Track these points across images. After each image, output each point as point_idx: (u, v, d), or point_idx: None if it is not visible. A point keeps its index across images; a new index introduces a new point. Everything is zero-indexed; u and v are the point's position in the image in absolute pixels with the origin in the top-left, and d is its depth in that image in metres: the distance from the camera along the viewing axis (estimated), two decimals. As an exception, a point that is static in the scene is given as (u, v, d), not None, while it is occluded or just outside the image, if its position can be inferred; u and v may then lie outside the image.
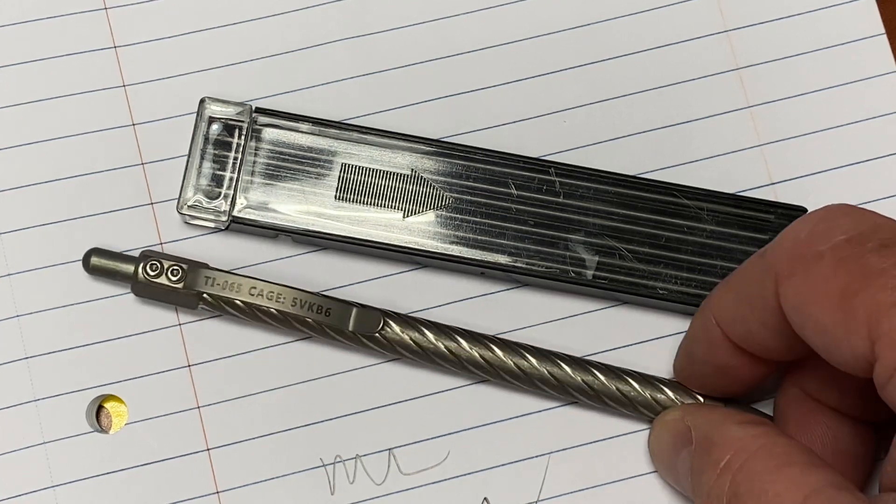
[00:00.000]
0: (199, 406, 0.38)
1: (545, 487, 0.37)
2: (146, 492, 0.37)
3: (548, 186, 0.38)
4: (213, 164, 0.38)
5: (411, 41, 0.40)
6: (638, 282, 0.37)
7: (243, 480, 0.37)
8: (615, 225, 0.38)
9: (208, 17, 0.40)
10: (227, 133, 0.38)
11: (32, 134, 0.39)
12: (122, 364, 0.38)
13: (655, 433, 0.36)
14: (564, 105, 0.40)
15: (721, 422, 0.32)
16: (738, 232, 0.38)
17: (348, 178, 0.38)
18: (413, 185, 0.38)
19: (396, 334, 0.37)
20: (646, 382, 0.37)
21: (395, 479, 0.37)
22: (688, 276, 0.38)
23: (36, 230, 0.38)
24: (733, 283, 0.33)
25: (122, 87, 0.39)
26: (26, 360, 0.37)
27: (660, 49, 0.40)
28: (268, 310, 0.36)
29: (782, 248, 0.30)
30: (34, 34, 0.40)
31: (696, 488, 0.32)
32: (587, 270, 0.37)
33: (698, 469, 0.32)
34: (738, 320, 0.33)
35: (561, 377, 0.36)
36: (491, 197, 0.38)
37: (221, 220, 0.38)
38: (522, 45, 0.40)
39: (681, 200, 0.38)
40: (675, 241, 0.38)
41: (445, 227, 0.38)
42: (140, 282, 0.37)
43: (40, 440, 0.37)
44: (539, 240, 0.38)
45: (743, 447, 0.30)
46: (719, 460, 0.31)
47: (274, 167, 0.38)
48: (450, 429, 0.38)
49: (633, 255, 0.38)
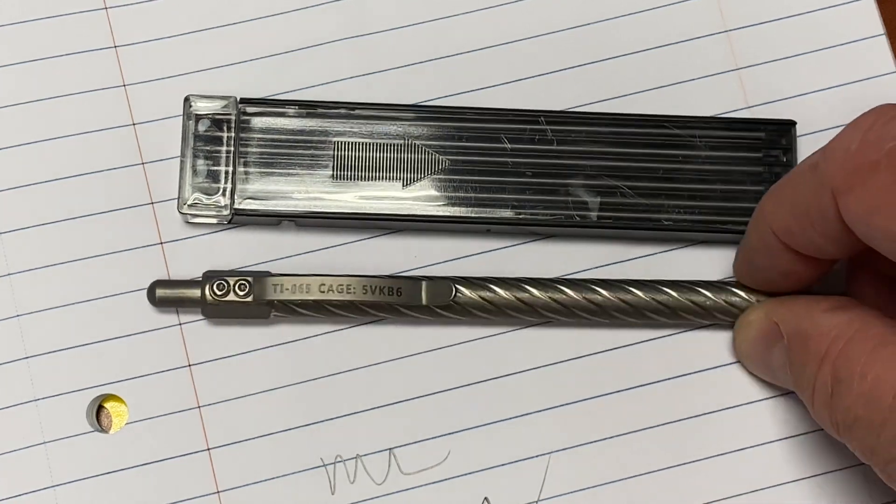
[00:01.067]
0: (200, 406, 0.37)
1: (546, 487, 0.37)
2: (146, 492, 0.37)
3: (540, 136, 0.38)
4: (207, 161, 0.38)
5: (410, 41, 0.40)
6: (642, 216, 0.38)
7: (244, 480, 0.37)
8: (612, 164, 0.38)
9: (208, 17, 0.40)
10: (216, 128, 0.38)
11: (33, 134, 0.39)
12: (123, 364, 0.38)
13: (741, 335, 0.36)
14: (564, 105, 0.40)
15: (809, 312, 0.33)
16: (731, 154, 0.38)
17: (343, 155, 0.38)
18: (408, 154, 0.38)
19: (469, 298, 0.37)
20: (717, 289, 0.37)
21: (396, 479, 0.37)
22: (689, 204, 0.38)
23: (36, 230, 0.38)
24: (786, 196, 0.33)
25: (123, 86, 0.40)
26: (26, 360, 0.37)
27: (659, 49, 0.41)
28: (341, 302, 0.36)
29: (835, 162, 0.30)
30: (34, 34, 0.40)
31: (799, 381, 0.32)
32: (591, 212, 0.38)
33: (798, 364, 0.32)
34: (796, 232, 0.33)
35: (635, 302, 0.37)
36: (486, 154, 0.38)
37: (224, 215, 0.38)
38: (521, 44, 0.41)
39: (672, 131, 0.39)
40: (672, 172, 0.38)
41: (445, 190, 0.38)
42: (210, 304, 0.36)
43: (40, 440, 0.37)
44: (539, 189, 0.38)
45: (839, 335, 0.30)
46: (818, 352, 0.31)
47: (268, 155, 0.38)
48: (450, 428, 0.38)
49: (633, 191, 0.38)
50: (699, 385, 0.38)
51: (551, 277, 0.38)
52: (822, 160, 0.31)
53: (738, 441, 0.38)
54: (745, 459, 0.38)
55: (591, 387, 0.38)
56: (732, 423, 0.38)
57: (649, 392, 0.38)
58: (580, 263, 0.39)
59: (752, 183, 0.38)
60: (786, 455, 0.38)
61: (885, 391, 0.28)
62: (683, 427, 0.38)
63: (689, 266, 0.39)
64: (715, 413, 0.38)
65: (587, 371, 0.38)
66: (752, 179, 0.38)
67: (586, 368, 0.38)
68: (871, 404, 0.28)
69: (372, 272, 0.38)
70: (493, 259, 0.39)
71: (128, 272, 0.38)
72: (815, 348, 0.31)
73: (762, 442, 0.38)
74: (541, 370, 0.38)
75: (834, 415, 0.30)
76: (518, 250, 0.39)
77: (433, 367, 0.38)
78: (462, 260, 0.39)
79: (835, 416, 0.30)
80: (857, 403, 0.29)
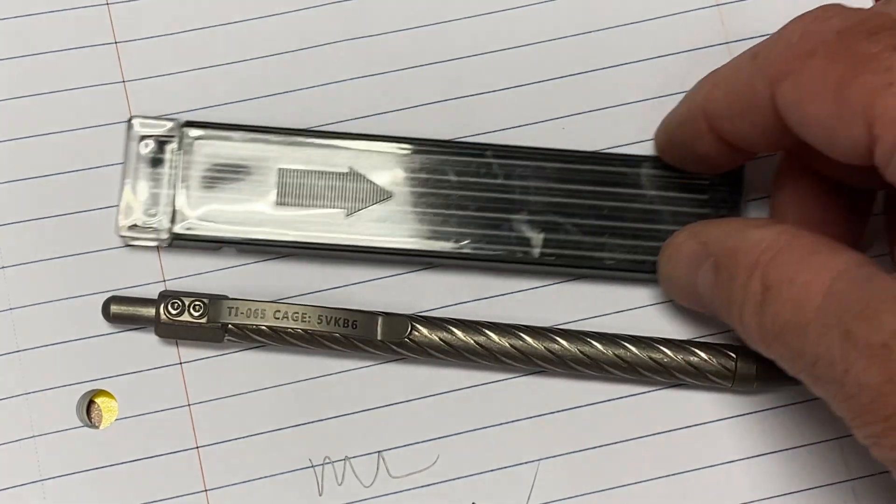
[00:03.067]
0: (190, 404, 0.38)
1: (534, 494, 0.38)
2: (134, 488, 0.37)
3: (486, 169, 0.38)
4: (150, 182, 0.38)
5: (410, 43, 0.40)
6: (585, 254, 0.38)
7: (232, 479, 0.37)
8: (557, 200, 0.38)
9: (206, 17, 0.40)
10: (159, 149, 0.38)
11: (29, 128, 0.39)
12: (114, 360, 0.38)
13: (666, 257, 0.36)
14: (563, 112, 0.40)
15: (738, 230, 0.33)
16: (678, 194, 0.38)
17: (287, 182, 0.38)
18: (353, 183, 0.38)
19: (425, 337, 0.37)
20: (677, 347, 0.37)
21: (384, 482, 0.37)
22: (633, 244, 0.38)
23: (30, 224, 0.39)
24: (723, 82, 0.34)
25: (122, 82, 0.40)
26: (18, 354, 0.38)
27: (660, 59, 0.40)
28: (295, 331, 0.36)
29: (776, 51, 0.31)
30: (31, 29, 0.40)
31: (727, 297, 0.32)
32: (534, 249, 0.38)
33: (726, 278, 0.32)
34: (726, 117, 0.33)
35: (594, 355, 0.37)
36: (431, 186, 0.38)
37: (163, 238, 0.38)
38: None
39: (619, 169, 0.38)
40: (617, 210, 0.38)
41: (388, 221, 0.38)
42: (163, 322, 0.36)
43: (30, 433, 0.37)
44: (483, 223, 0.38)
45: (770, 245, 0.31)
46: (749, 263, 0.31)
47: (211, 179, 0.38)
48: (439, 432, 0.38)
49: (577, 229, 0.38)
50: (691, 395, 0.38)
51: (511, 323, 0.37)
52: (762, 49, 0.32)
53: (728, 453, 0.38)
54: (736, 472, 0.38)
55: (582, 395, 0.38)
56: (723, 435, 0.38)
57: (640, 402, 0.38)
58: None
59: (698, 225, 0.38)
60: (777, 470, 0.38)
61: (813, 294, 0.29)
62: (674, 437, 0.38)
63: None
64: (709, 424, 0.38)
65: (578, 379, 0.38)
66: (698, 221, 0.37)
67: (577, 376, 0.38)
68: (798, 307, 0.29)
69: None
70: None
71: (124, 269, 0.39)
72: (745, 260, 0.31)
73: (752, 455, 0.38)
74: (532, 377, 0.38)
75: (763, 323, 0.30)
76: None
77: (424, 370, 0.38)
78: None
79: (763, 324, 0.30)
80: (784, 308, 0.29)
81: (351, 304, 0.38)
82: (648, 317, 0.39)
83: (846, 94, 0.28)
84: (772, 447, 0.38)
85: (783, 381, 0.37)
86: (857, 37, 0.29)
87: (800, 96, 0.30)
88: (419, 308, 0.39)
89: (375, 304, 0.38)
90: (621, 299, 0.39)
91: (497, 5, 0.41)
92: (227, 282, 0.39)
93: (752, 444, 0.38)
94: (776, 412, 0.38)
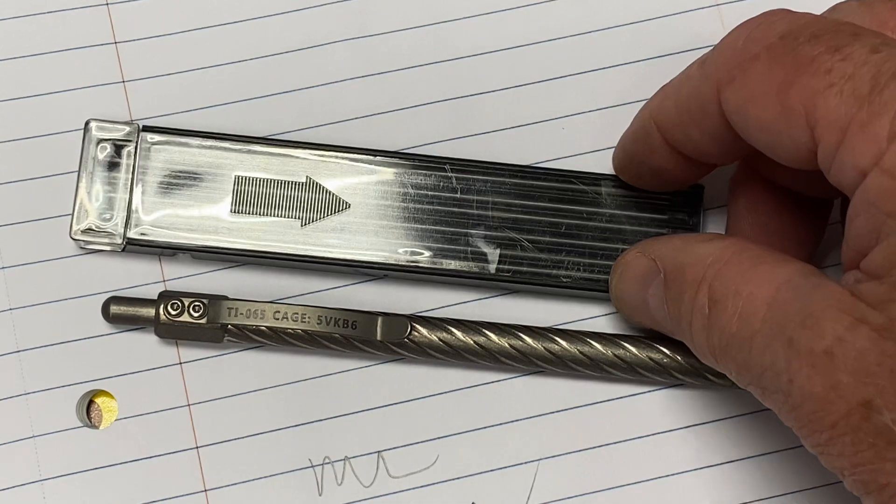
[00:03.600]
0: (190, 404, 0.38)
1: (533, 494, 0.38)
2: (134, 488, 0.37)
3: (444, 182, 0.38)
4: (105, 187, 0.37)
5: (411, 43, 0.40)
6: (541, 272, 0.37)
7: (231, 479, 0.37)
8: (514, 216, 0.37)
9: (206, 17, 0.40)
10: (115, 154, 0.38)
11: (30, 128, 0.39)
12: (114, 360, 0.38)
13: (619, 275, 0.36)
14: (562, 113, 0.40)
15: (685, 245, 0.33)
16: (637, 214, 0.38)
17: (243, 190, 0.37)
18: (309, 193, 0.37)
19: (425, 337, 0.37)
20: (677, 347, 0.36)
21: (384, 482, 0.37)
22: (590, 262, 0.37)
23: (31, 224, 0.39)
24: (673, 92, 0.34)
25: (122, 82, 0.40)
26: (17, 354, 0.38)
27: (659, 59, 0.40)
28: (294, 332, 0.37)
29: (722, 57, 0.31)
30: (32, 28, 0.40)
31: (675, 312, 0.32)
32: (489, 264, 0.37)
33: (675, 294, 0.32)
34: (677, 126, 0.33)
35: (594, 355, 0.37)
36: (388, 198, 0.37)
37: (116, 243, 0.37)
38: None
39: (578, 186, 0.38)
40: (575, 228, 0.38)
41: (344, 231, 0.37)
42: (163, 323, 0.37)
43: (30, 434, 0.37)
44: (440, 237, 0.37)
45: (716, 259, 0.31)
46: (695, 277, 0.31)
47: (167, 185, 0.37)
48: (439, 432, 0.38)
49: (534, 246, 0.37)
50: (691, 395, 0.38)
51: (511, 323, 0.37)
52: (709, 56, 0.32)
53: (727, 453, 0.38)
54: (733, 471, 0.38)
55: (582, 395, 0.38)
56: (723, 435, 0.38)
57: (640, 402, 0.38)
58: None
59: (657, 244, 0.37)
60: (772, 469, 0.38)
61: (757, 305, 0.28)
62: (673, 437, 0.38)
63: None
64: (708, 424, 0.38)
65: (578, 379, 0.38)
66: (656, 241, 0.37)
67: (577, 376, 0.38)
68: (744, 319, 0.29)
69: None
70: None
71: (124, 269, 0.39)
72: (692, 274, 0.31)
73: (752, 455, 0.38)
74: (531, 377, 0.38)
75: (710, 337, 0.30)
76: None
77: (424, 370, 0.38)
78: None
79: (711, 338, 0.30)
80: (731, 321, 0.29)
81: (351, 304, 0.38)
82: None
83: (788, 96, 0.28)
84: (771, 447, 0.38)
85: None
86: (800, 40, 0.29)
87: (744, 100, 0.30)
88: (419, 308, 0.38)
89: (375, 304, 0.38)
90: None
91: (497, 5, 0.41)
92: (227, 282, 0.39)
93: (752, 444, 0.38)
94: (775, 413, 0.38)
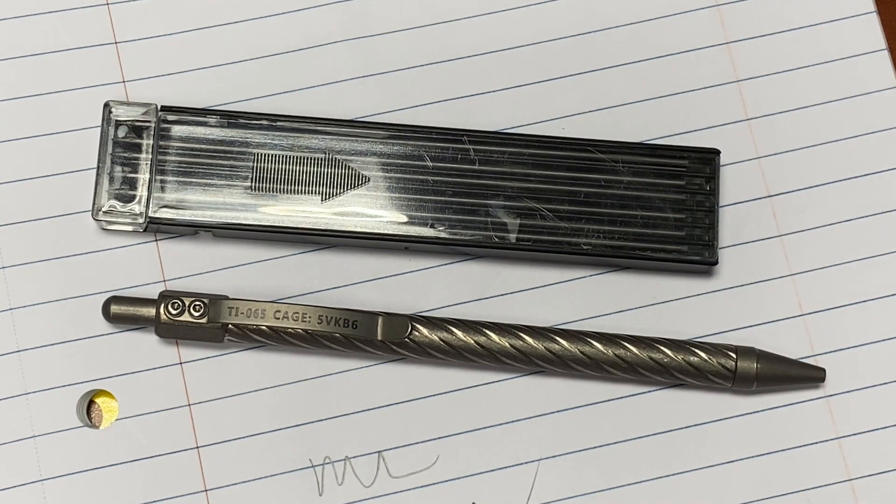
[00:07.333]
0: (190, 404, 0.38)
1: (534, 494, 0.37)
2: (134, 488, 0.37)
3: (462, 155, 0.38)
4: (125, 168, 0.38)
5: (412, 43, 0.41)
6: (561, 240, 0.38)
7: (232, 479, 0.37)
8: (533, 186, 0.38)
9: (206, 17, 0.40)
10: (135, 135, 0.38)
11: (30, 128, 0.39)
12: (114, 360, 0.38)
13: None
14: (563, 112, 0.40)
15: None
16: (654, 180, 0.38)
17: (263, 167, 0.38)
18: (328, 168, 0.38)
19: (425, 337, 0.37)
20: (677, 347, 0.37)
21: (384, 482, 0.37)
22: (609, 230, 0.38)
23: (31, 224, 0.39)
24: None
25: (122, 82, 0.40)
26: (18, 354, 0.38)
27: (660, 59, 0.40)
28: (295, 331, 0.37)
29: None
30: (32, 28, 0.40)
31: None
32: (510, 234, 0.38)
33: None
34: None
35: (594, 355, 0.37)
36: (407, 171, 0.38)
37: (138, 223, 0.38)
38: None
39: (595, 155, 0.38)
40: (593, 196, 0.38)
41: (365, 206, 0.38)
42: (164, 323, 0.37)
43: (30, 433, 0.37)
44: (459, 209, 0.38)
45: None
46: None
47: (187, 164, 0.38)
48: (440, 433, 0.38)
49: (553, 214, 0.38)
50: (691, 395, 0.38)
51: (511, 323, 0.37)
52: None
53: (728, 453, 0.38)
54: (736, 472, 0.38)
55: (582, 395, 0.38)
56: (723, 435, 0.38)
57: (640, 402, 0.38)
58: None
59: (674, 210, 0.38)
60: (777, 470, 0.38)
61: None
62: (674, 437, 0.38)
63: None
64: (708, 424, 0.38)
65: (578, 379, 0.38)
66: (673, 207, 0.38)
67: (577, 376, 0.38)
68: None
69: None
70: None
71: (124, 268, 0.39)
72: None
73: (752, 455, 0.38)
74: (532, 377, 0.38)
75: None
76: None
77: (424, 370, 0.38)
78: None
79: None
80: None
81: (351, 304, 0.38)
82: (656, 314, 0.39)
83: None
84: (772, 447, 0.38)
85: (783, 381, 0.37)
86: None
87: None
88: (419, 308, 0.38)
89: (375, 304, 0.38)
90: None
91: (497, 5, 0.41)
92: (228, 282, 0.39)
93: (752, 444, 0.38)
94: (776, 412, 0.38)
